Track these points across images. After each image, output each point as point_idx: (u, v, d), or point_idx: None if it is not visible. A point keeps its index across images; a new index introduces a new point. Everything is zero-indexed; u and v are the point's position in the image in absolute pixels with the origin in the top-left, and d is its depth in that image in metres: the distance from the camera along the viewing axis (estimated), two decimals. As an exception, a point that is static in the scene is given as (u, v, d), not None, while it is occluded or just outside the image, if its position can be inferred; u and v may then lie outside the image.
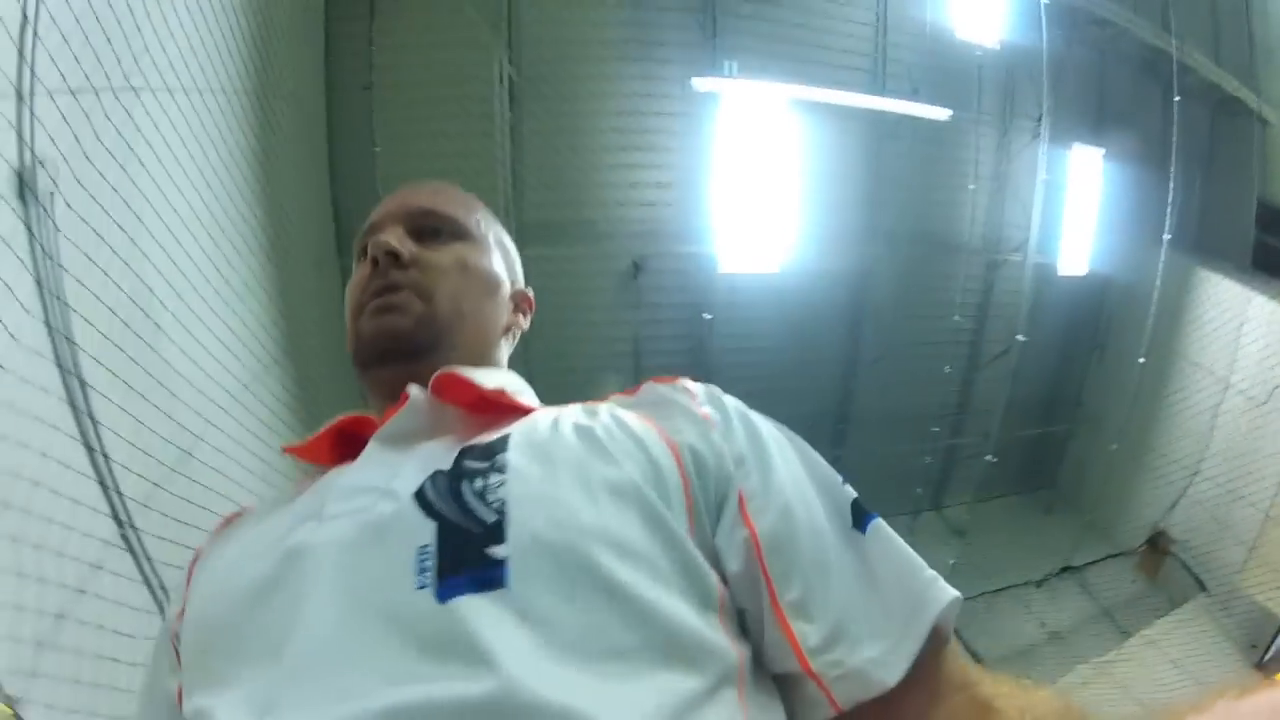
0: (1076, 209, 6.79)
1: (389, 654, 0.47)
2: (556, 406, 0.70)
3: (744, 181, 5.60)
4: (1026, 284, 6.34)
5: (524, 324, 0.88)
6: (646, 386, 0.72)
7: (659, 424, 0.64)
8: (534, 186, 5.37)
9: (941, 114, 5.97)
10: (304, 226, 3.96)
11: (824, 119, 5.76)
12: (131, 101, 2.52)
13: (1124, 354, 6.65)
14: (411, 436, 0.65)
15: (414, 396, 0.67)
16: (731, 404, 0.68)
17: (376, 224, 0.79)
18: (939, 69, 5.99)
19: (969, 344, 6.94)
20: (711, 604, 0.56)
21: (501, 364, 0.83)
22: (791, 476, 0.63)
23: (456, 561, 0.51)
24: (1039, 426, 7.34)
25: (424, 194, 0.81)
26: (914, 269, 6.32)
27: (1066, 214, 6.74)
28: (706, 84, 5.18)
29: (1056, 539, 6.81)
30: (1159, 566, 6.36)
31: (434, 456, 0.61)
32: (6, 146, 1.90)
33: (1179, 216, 6.24)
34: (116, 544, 2.26)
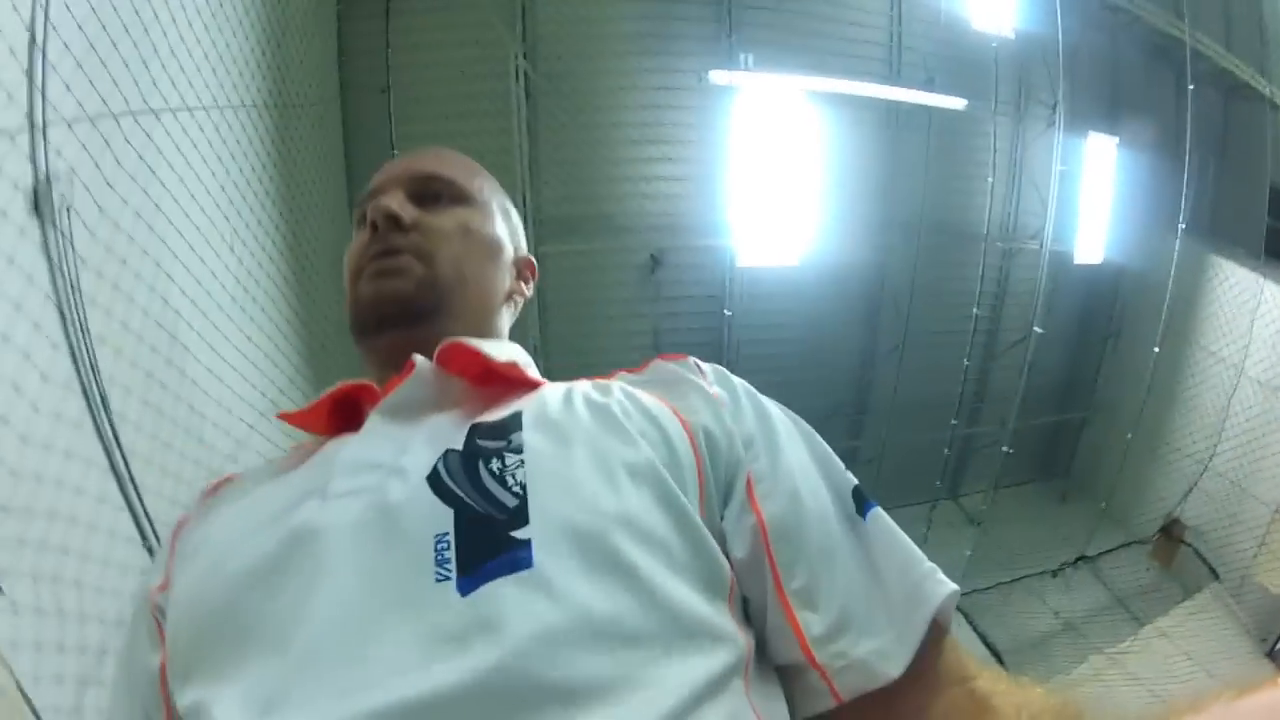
0: (1091, 197, 6.72)
1: (407, 647, 0.45)
2: (564, 382, 0.67)
3: (761, 174, 5.55)
4: (1042, 272, 6.29)
5: (527, 291, 0.85)
6: (655, 364, 0.71)
7: (672, 403, 0.63)
8: (551, 182, 5.33)
9: (957, 103, 5.91)
10: (324, 233, 3.93)
11: (840, 110, 5.71)
12: (151, 124, 2.49)
13: (1138, 342, 6.63)
14: (416, 409, 0.63)
15: (419, 366, 0.65)
16: (740, 384, 0.67)
17: (377, 189, 0.76)
18: (954, 58, 5.92)
19: (986, 333, 6.90)
20: (722, 591, 0.55)
21: (503, 333, 0.80)
22: (798, 460, 0.62)
23: (479, 551, 0.49)
24: (1054, 414, 7.33)
25: (426, 158, 0.79)
26: (931, 259, 6.27)
27: (1081, 202, 6.68)
28: (723, 77, 5.12)
29: (1071, 528, 6.81)
30: (1173, 555, 6.37)
31: (442, 432, 0.59)
32: (24, 176, 1.88)
33: (1192, 204, 6.19)
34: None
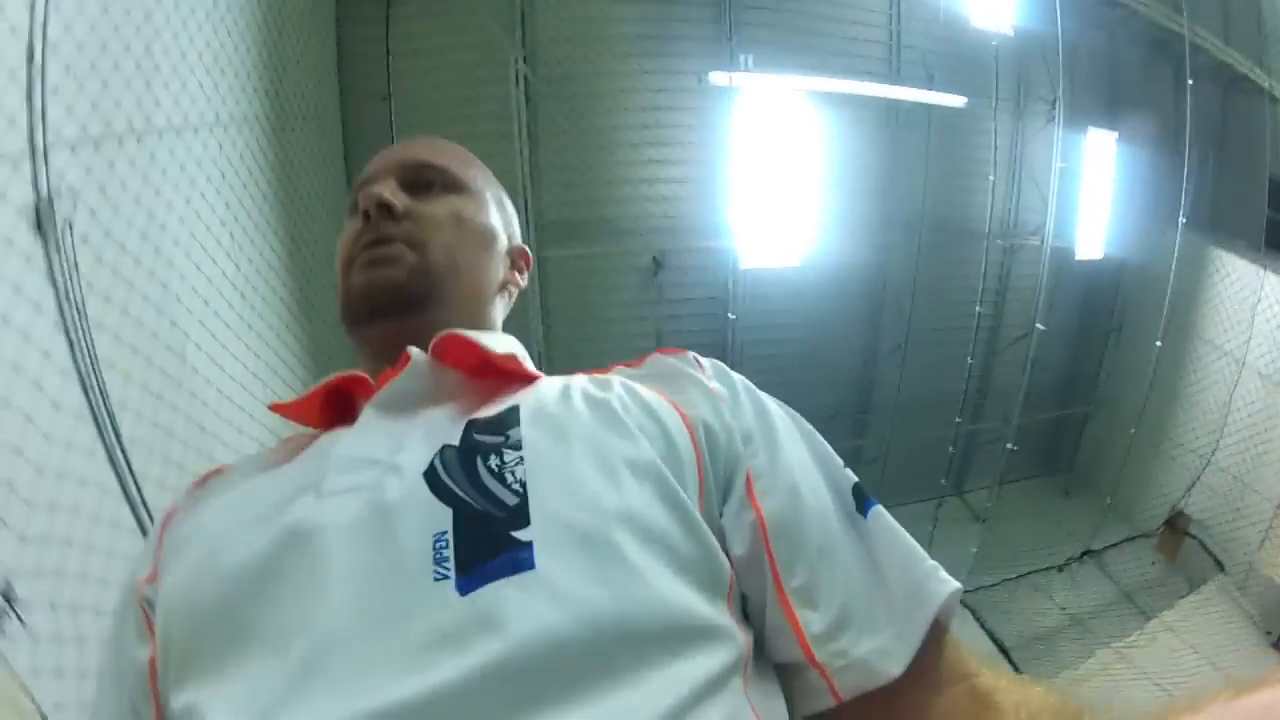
0: (1092, 193, 6.71)
1: (406, 647, 0.44)
2: (561, 375, 0.67)
3: (762, 175, 5.54)
4: (1044, 269, 6.29)
5: (521, 281, 0.84)
6: (654, 358, 0.70)
7: (671, 397, 0.63)
8: (552, 187, 5.32)
9: (957, 101, 5.90)
10: (325, 241, 3.92)
11: (840, 110, 5.69)
12: (154, 143, 2.48)
13: (1140, 336, 6.63)
14: (411, 402, 0.62)
15: (415, 359, 0.64)
16: (739, 380, 0.67)
17: (369, 177, 0.75)
18: (954, 56, 5.90)
19: (988, 330, 6.89)
20: (722, 589, 0.54)
21: (497, 323, 0.80)
22: (797, 457, 0.61)
23: (479, 551, 0.48)
24: (1057, 410, 7.34)
25: (419, 147, 0.78)
26: (932, 257, 6.27)
27: (1082, 198, 6.68)
28: (723, 78, 5.11)
29: (1076, 522, 6.82)
30: (1178, 547, 6.38)
31: (438, 427, 0.58)
32: (29, 205, 1.87)
33: (1192, 197, 6.18)
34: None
